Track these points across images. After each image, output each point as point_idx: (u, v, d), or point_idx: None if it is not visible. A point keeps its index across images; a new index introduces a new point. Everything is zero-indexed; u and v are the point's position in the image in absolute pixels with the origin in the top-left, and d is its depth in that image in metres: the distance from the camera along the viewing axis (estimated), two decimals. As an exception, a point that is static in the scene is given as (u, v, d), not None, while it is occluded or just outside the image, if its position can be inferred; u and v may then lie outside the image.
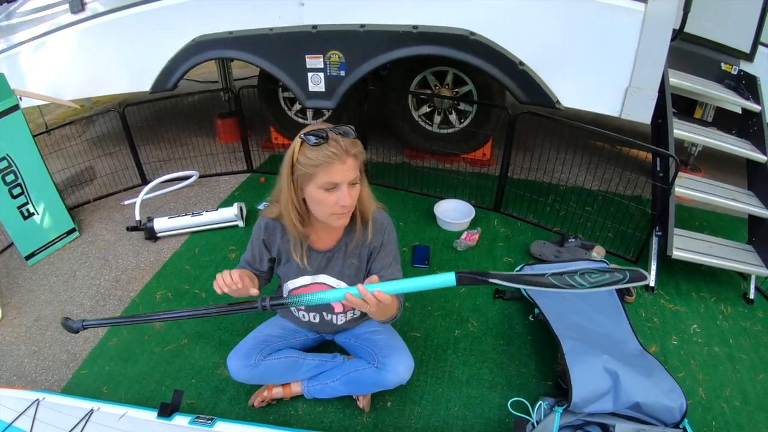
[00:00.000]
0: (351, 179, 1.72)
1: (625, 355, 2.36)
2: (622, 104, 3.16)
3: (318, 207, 1.79)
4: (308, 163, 1.67)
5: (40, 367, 2.69)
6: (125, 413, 1.94)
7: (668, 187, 3.01)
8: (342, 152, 1.66)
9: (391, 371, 2.09)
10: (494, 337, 2.75)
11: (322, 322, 2.26)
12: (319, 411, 2.33)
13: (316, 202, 1.77)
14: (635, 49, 3.00)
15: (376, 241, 1.98)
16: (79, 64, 4.51)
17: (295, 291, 2.10)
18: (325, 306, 2.15)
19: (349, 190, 1.73)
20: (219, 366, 2.58)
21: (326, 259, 2.03)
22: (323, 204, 1.75)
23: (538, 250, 3.36)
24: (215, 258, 3.48)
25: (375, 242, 1.98)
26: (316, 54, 3.77)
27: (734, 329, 2.85)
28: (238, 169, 4.81)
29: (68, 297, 3.21)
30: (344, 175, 1.69)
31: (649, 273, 3.12)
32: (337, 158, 1.66)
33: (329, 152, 1.65)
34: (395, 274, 2.00)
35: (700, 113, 4.17)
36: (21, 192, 3.46)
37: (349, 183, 1.72)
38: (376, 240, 1.98)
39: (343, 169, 1.68)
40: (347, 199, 1.72)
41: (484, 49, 3.37)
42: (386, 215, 2.04)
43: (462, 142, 4.62)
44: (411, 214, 3.95)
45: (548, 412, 2.17)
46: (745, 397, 2.42)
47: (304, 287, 2.09)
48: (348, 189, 1.72)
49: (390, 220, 2.05)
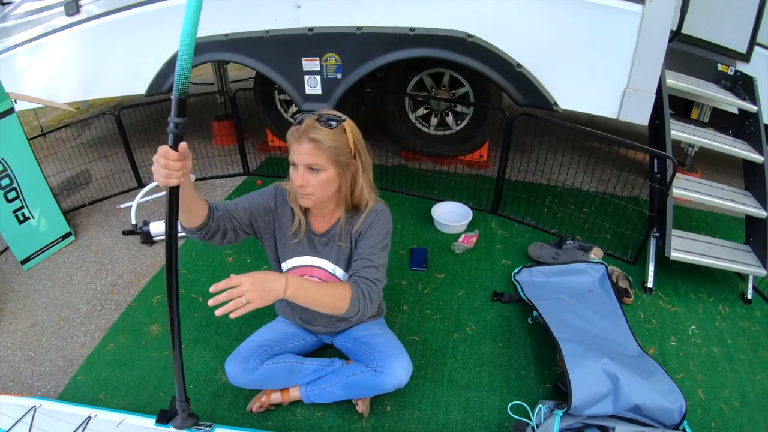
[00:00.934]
0: (307, 163, 1.78)
1: (624, 357, 2.36)
2: (619, 106, 3.16)
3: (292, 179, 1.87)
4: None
5: (36, 373, 2.67)
6: (123, 420, 1.93)
7: (666, 189, 3.01)
8: (300, 135, 1.76)
9: (390, 375, 2.08)
10: (493, 341, 2.75)
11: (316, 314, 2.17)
12: (318, 416, 2.32)
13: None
14: (633, 50, 3.01)
15: (363, 226, 1.99)
16: (75, 66, 4.50)
17: (294, 271, 2.11)
18: None
19: (306, 174, 1.80)
20: (217, 371, 2.57)
21: (322, 243, 2.06)
22: (291, 180, 1.86)
23: (535, 252, 3.36)
24: (212, 262, 3.47)
25: (364, 225, 1.99)
26: (312, 56, 3.76)
27: (732, 330, 2.85)
28: (234, 172, 4.80)
29: (64, 302, 3.19)
30: (299, 157, 1.78)
31: (647, 274, 3.14)
32: (295, 140, 1.78)
33: (292, 131, 1.80)
34: (379, 259, 1.95)
35: (696, 114, 4.18)
36: (16, 196, 3.44)
37: (307, 166, 1.79)
38: (364, 225, 1.99)
39: (299, 150, 1.78)
40: (298, 179, 1.80)
41: (482, 52, 3.37)
42: (384, 207, 2.06)
43: (459, 144, 4.62)
44: (408, 217, 3.95)
45: (548, 415, 2.17)
46: (744, 397, 2.42)
47: (301, 268, 2.11)
48: (304, 171, 1.80)
49: (388, 211, 2.06)
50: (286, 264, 2.12)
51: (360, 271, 1.91)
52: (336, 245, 2.04)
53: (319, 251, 2.08)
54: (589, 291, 2.94)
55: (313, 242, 2.07)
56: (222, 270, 3.37)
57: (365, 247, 1.96)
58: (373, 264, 1.93)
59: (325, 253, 2.07)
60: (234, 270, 3.34)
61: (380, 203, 2.04)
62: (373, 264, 1.93)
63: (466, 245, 3.48)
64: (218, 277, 3.28)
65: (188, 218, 1.82)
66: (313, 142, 1.75)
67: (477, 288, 3.15)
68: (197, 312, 3.01)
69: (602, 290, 2.95)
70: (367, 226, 1.99)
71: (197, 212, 1.82)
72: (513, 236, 3.67)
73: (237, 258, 3.48)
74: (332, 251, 2.06)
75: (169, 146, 1.47)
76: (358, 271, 1.91)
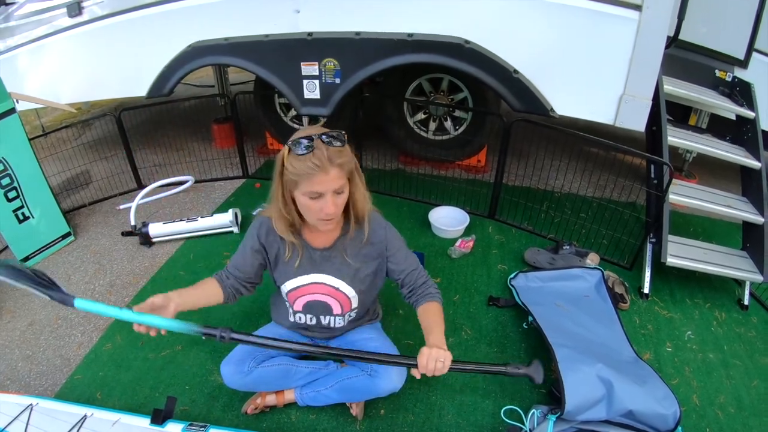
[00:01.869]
0: (335, 188, 1.73)
1: (619, 363, 2.36)
2: (616, 112, 3.16)
3: (306, 212, 1.83)
4: (294, 171, 1.69)
5: (33, 371, 2.69)
6: (118, 419, 1.95)
7: (662, 195, 3.02)
8: (325, 162, 1.66)
9: (384, 379, 2.09)
10: (488, 345, 2.76)
11: (318, 325, 2.24)
12: (312, 418, 2.33)
13: (303, 208, 1.81)
14: (629, 57, 3.01)
15: (375, 239, 2.01)
16: (76, 68, 4.51)
17: (294, 292, 2.10)
18: (323, 308, 2.15)
19: (334, 199, 1.75)
20: (213, 373, 2.58)
21: (324, 258, 2.03)
22: (309, 210, 1.79)
23: (532, 257, 3.36)
24: (210, 264, 3.48)
25: (375, 239, 2.01)
26: (311, 61, 3.77)
27: (729, 335, 2.86)
28: (233, 174, 4.81)
29: (62, 302, 3.20)
30: (327, 185, 1.70)
31: (643, 280, 3.15)
32: (320, 169, 1.66)
33: (312, 163, 1.66)
34: (414, 261, 2.11)
35: (694, 120, 4.18)
36: (16, 195, 3.46)
37: (334, 191, 1.74)
38: (375, 237, 2.01)
39: (326, 179, 1.69)
40: (331, 207, 1.74)
41: (479, 57, 3.37)
42: (381, 217, 2.08)
43: (457, 148, 4.63)
44: (405, 221, 3.96)
45: (541, 420, 2.18)
46: (739, 403, 2.43)
47: (303, 287, 2.09)
48: (332, 197, 1.74)
49: (386, 220, 2.09)
50: (291, 283, 2.09)
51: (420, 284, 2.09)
52: (339, 259, 2.04)
53: (321, 266, 2.06)
54: (584, 296, 2.95)
55: (314, 258, 2.05)
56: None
57: (401, 262, 2.09)
58: (418, 268, 2.12)
59: (327, 269, 2.05)
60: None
61: (375, 212, 2.05)
62: (418, 267, 2.12)
63: (462, 250, 3.49)
64: (216, 279, 3.30)
65: (210, 303, 2.01)
66: (339, 167, 1.70)
67: (473, 292, 3.16)
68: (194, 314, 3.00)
69: (598, 296, 2.95)
70: (383, 246, 2.05)
71: (213, 299, 2.02)
72: (510, 241, 3.68)
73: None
74: (335, 265, 2.05)
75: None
76: (419, 282, 2.09)
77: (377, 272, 2.11)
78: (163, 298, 1.77)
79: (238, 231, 3.82)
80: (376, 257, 2.06)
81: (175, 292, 1.84)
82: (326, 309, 2.16)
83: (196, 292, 1.97)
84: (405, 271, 2.08)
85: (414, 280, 2.09)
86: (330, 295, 2.10)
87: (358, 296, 2.12)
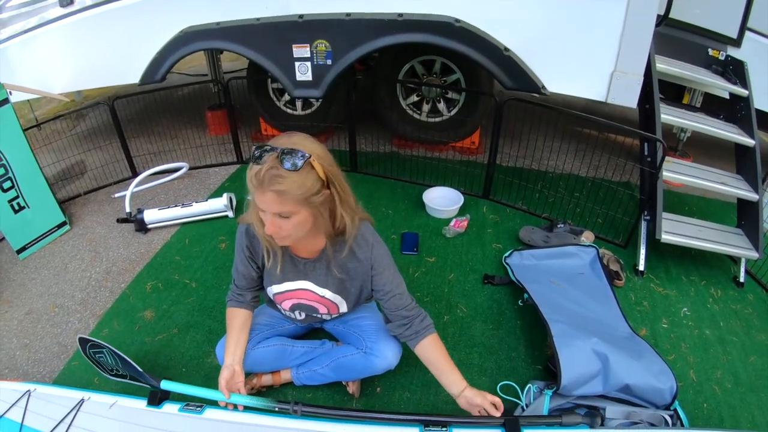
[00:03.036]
0: (274, 211, 1.61)
1: (615, 338, 2.37)
2: (607, 89, 3.16)
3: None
4: (246, 177, 1.60)
5: (31, 359, 2.69)
6: (115, 402, 1.94)
7: (656, 172, 3.02)
8: (258, 183, 1.54)
9: (380, 356, 2.09)
10: (483, 323, 2.77)
11: (308, 318, 2.25)
12: (308, 397, 2.34)
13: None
14: (620, 33, 3.01)
15: (362, 256, 1.91)
16: (69, 57, 4.49)
17: (280, 296, 2.10)
18: (311, 309, 2.14)
19: (274, 220, 1.63)
20: (209, 355, 2.59)
21: (309, 267, 1.98)
22: (261, 222, 1.70)
23: (527, 236, 3.37)
24: (205, 248, 3.49)
25: (361, 256, 1.91)
26: (302, 43, 3.77)
27: (725, 312, 2.86)
28: (228, 160, 4.81)
29: (59, 290, 3.21)
30: (264, 204, 1.60)
31: (638, 257, 3.15)
32: (254, 187, 1.56)
33: (251, 176, 1.55)
34: (400, 285, 2.00)
35: (687, 99, 4.18)
36: (11, 186, 3.46)
37: (275, 214, 1.62)
38: (361, 254, 1.91)
39: (263, 199, 1.58)
40: (270, 227, 1.64)
41: (470, 36, 3.37)
42: (370, 229, 1.96)
43: (451, 130, 4.63)
44: (400, 202, 3.96)
45: (538, 395, 2.19)
46: (736, 379, 2.44)
47: (289, 292, 2.07)
48: (272, 218, 1.63)
49: (374, 234, 1.97)
50: (276, 288, 2.07)
51: (402, 311, 1.99)
52: (324, 270, 1.98)
53: (305, 274, 2.01)
54: (579, 274, 2.96)
55: (297, 267, 1.99)
56: (215, 256, 3.39)
57: (386, 283, 1.97)
58: (403, 293, 2.00)
59: (312, 277, 2.01)
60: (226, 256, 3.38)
61: (365, 225, 1.93)
62: (404, 293, 2.00)
63: (457, 229, 3.49)
64: (211, 262, 3.33)
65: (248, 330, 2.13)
66: (276, 194, 1.55)
67: (468, 271, 3.17)
68: (190, 297, 3.03)
69: (593, 273, 2.96)
70: (368, 263, 1.94)
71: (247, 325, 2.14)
72: (504, 220, 3.69)
73: (230, 245, 3.48)
74: (319, 275, 2.00)
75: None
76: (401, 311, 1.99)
77: (363, 288, 2.04)
78: (228, 372, 1.94)
79: (232, 215, 3.83)
80: (362, 274, 1.98)
81: (228, 356, 2.00)
82: (314, 310, 2.15)
83: (235, 338, 2.05)
84: (389, 294, 1.96)
85: (397, 307, 1.98)
86: (316, 301, 2.09)
87: (345, 303, 2.10)
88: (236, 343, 2.02)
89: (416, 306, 2.02)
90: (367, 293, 2.08)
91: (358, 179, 4.31)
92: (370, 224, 1.96)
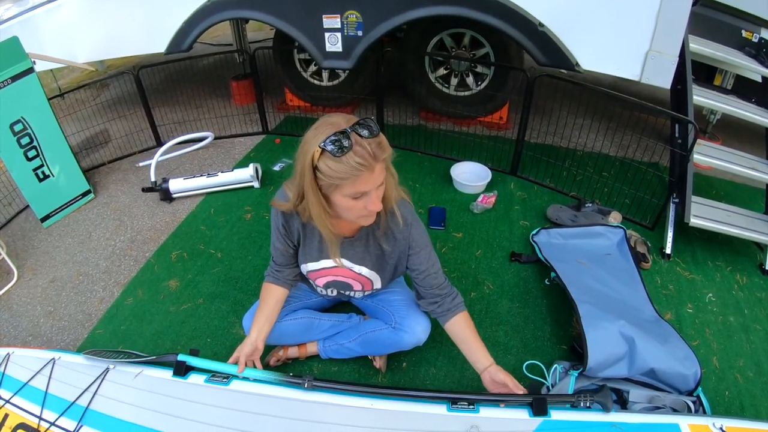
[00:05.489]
0: (381, 180, 1.59)
1: (641, 322, 2.35)
2: (642, 68, 3.12)
3: (345, 212, 1.67)
4: (333, 174, 1.50)
5: (55, 327, 2.72)
6: (141, 371, 1.94)
7: (687, 154, 2.98)
8: (371, 160, 1.48)
9: (409, 332, 2.09)
10: (510, 300, 2.76)
11: (339, 295, 2.26)
12: (334, 371, 2.35)
13: (342, 209, 1.65)
14: (656, 12, 2.95)
15: (399, 234, 1.88)
16: (94, 26, 4.47)
17: (315, 273, 2.07)
18: (345, 286, 2.13)
19: (377, 192, 1.61)
20: (234, 326, 2.60)
21: (348, 245, 1.95)
22: (351, 210, 1.64)
23: (554, 214, 3.34)
24: (230, 218, 3.49)
25: (399, 235, 1.88)
26: (333, 14, 3.74)
27: (749, 300, 2.82)
28: (253, 130, 4.80)
29: (83, 258, 3.24)
30: (374, 182, 1.55)
31: (665, 240, 3.12)
32: (366, 168, 1.48)
33: (355, 163, 1.47)
34: (436, 264, 1.97)
35: (719, 81, 4.10)
36: (36, 154, 3.48)
37: (380, 185, 1.61)
38: (399, 233, 1.88)
39: (371, 177, 1.53)
40: (377, 204, 1.61)
41: (504, 10, 3.33)
42: (410, 208, 1.91)
43: (479, 104, 4.59)
44: (427, 177, 3.94)
45: (563, 375, 2.18)
46: (759, 368, 2.41)
47: (325, 270, 2.05)
48: (376, 193, 1.60)
49: (413, 212, 1.94)
50: (313, 266, 2.04)
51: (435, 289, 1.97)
52: (362, 247, 1.96)
53: (344, 252, 1.97)
54: (606, 254, 2.93)
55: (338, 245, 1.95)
56: (240, 226, 3.40)
57: (422, 262, 1.94)
58: (438, 272, 1.98)
59: (350, 255, 1.98)
60: (252, 226, 3.39)
61: (405, 203, 1.89)
62: (438, 272, 1.98)
63: (484, 205, 3.47)
64: (237, 233, 3.34)
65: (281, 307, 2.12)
66: (383, 161, 1.55)
67: (495, 248, 3.16)
68: (215, 267, 3.04)
69: (620, 254, 2.93)
70: (406, 242, 1.91)
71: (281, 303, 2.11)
72: (531, 198, 3.66)
73: (255, 215, 3.50)
74: (357, 252, 1.97)
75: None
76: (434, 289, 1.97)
77: (398, 265, 2.02)
78: (250, 348, 1.92)
79: (258, 186, 3.83)
80: (399, 252, 1.96)
81: (254, 329, 1.97)
82: (348, 287, 2.14)
83: (267, 313, 2.03)
84: (424, 273, 1.94)
85: (431, 286, 1.97)
86: (352, 278, 2.07)
87: (380, 279, 2.08)
88: (266, 319, 2.02)
89: (449, 285, 2.00)
90: (402, 270, 2.06)
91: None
92: (409, 203, 1.91)
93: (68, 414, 1.78)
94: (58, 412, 1.78)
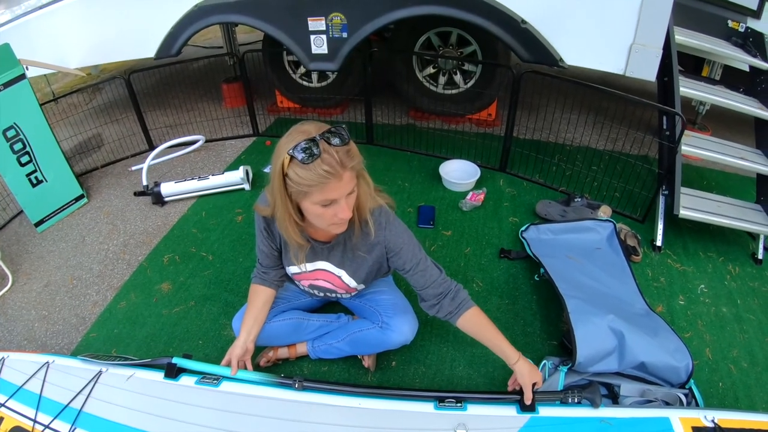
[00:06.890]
0: (350, 189, 1.58)
1: (631, 315, 2.36)
2: (626, 62, 3.13)
3: (316, 220, 1.67)
4: (301, 182, 1.50)
5: (50, 331, 2.73)
6: (133, 374, 1.96)
7: (675, 146, 2.99)
8: (338, 168, 1.47)
9: (396, 331, 2.10)
10: (499, 297, 2.76)
11: (326, 296, 2.27)
12: (324, 371, 2.36)
13: (313, 216, 1.64)
14: (639, 5, 2.97)
15: (375, 239, 1.86)
16: (85, 32, 4.47)
17: (298, 275, 2.08)
18: (328, 289, 2.13)
19: (347, 200, 1.59)
20: (225, 327, 2.61)
21: (327, 249, 1.94)
22: (321, 218, 1.63)
23: (543, 210, 3.35)
24: (221, 221, 3.50)
25: (375, 240, 1.86)
26: (318, 16, 3.75)
27: (742, 289, 2.83)
28: (244, 133, 4.82)
29: (77, 262, 3.25)
30: (341, 190, 1.54)
31: (656, 232, 3.13)
32: (333, 176, 1.48)
33: (323, 171, 1.46)
34: (424, 261, 1.91)
35: (707, 71, 4.11)
36: (29, 160, 3.49)
37: (347, 194, 1.58)
38: (375, 238, 1.85)
39: (340, 185, 1.52)
40: (346, 212, 1.59)
41: (486, 8, 3.34)
42: (384, 210, 1.87)
43: (467, 102, 4.60)
44: (416, 175, 3.95)
45: (553, 371, 2.18)
46: (752, 358, 2.42)
47: (307, 273, 2.04)
48: (345, 201, 1.58)
49: (390, 215, 1.89)
50: (290, 270, 2.06)
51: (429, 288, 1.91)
52: (340, 252, 1.95)
53: (323, 256, 1.97)
54: (596, 249, 2.94)
55: (315, 250, 1.95)
56: (231, 229, 3.41)
57: (405, 263, 1.89)
58: (422, 270, 1.90)
59: (330, 258, 1.98)
60: (243, 229, 3.40)
61: (379, 208, 1.85)
62: (423, 269, 1.90)
63: (473, 203, 3.48)
64: (228, 235, 3.35)
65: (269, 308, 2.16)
66: (351, 169, 1.53)
67: (484, 245, 3.16)
68: (207, 270, 3.06)
69: (610, 248, 2.94)
70: (381, 245, 1.89)
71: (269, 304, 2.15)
72: (521, 194, 3.67)
73: (246, 217, 3.51)
74: (336, 256, 1.97)
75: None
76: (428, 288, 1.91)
77: (380, 267, 2.02)
78: (240, 350, 1.99)
79: (249, 188, 3.84)
80: (378, 256, 1.94)
81: (244, 331, 2.04)
82: (331, 290, 2.14)
83: (254, 315, 2.08)
84: (410, 272, 1.90)
85: (424, 285, 1.91)
86: (333, 282, 2.07)
87: (362, 283, 2.08)
88: (255, 321, 2.06)
89: (445, 280, 1.93)
90: (385, 270, 2.07)
91: (374, 152, 4.30)
92: (386, 208, 1.88)
93: (62, 417, 1.80)
94: (52, 415, 1.80)
